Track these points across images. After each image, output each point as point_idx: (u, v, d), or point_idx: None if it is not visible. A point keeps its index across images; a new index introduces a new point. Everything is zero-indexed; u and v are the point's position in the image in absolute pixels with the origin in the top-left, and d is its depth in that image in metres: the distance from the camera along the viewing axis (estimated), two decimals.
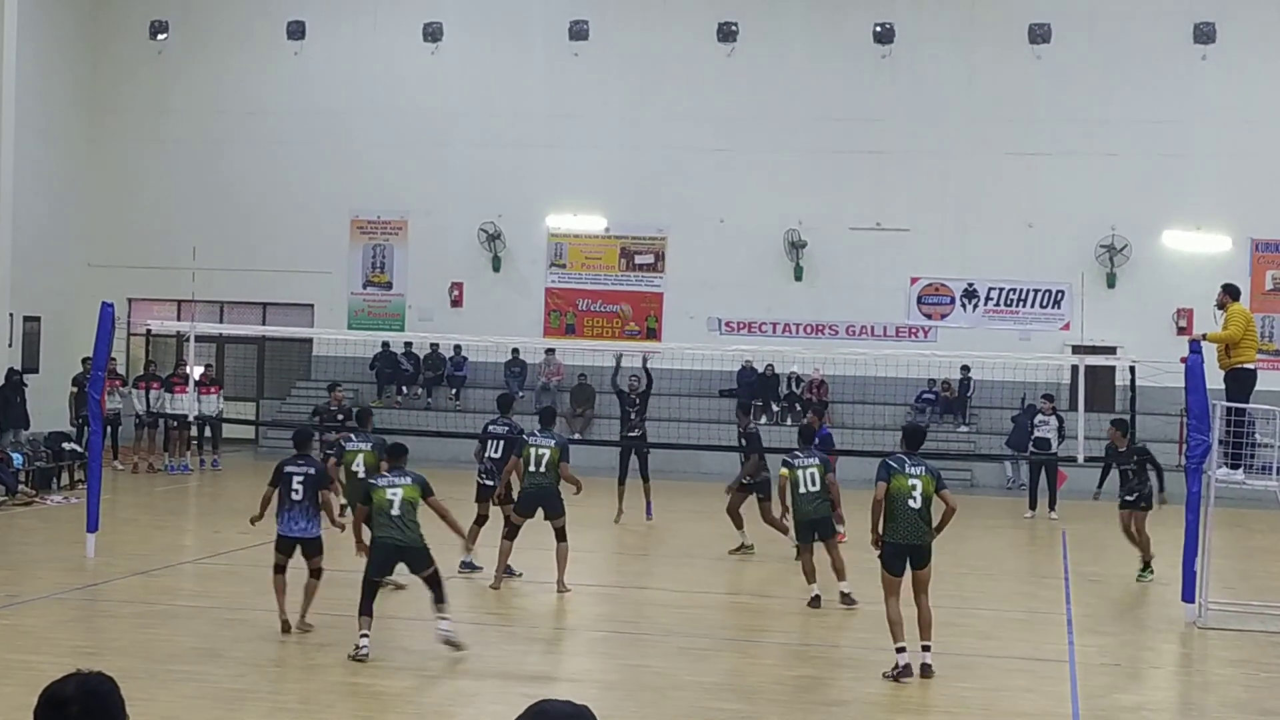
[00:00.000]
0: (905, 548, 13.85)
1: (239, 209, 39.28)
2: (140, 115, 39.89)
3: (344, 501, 17.44)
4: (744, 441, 22.03)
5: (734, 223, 37.40)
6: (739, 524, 21.03)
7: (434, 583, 13.87)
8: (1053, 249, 36.09)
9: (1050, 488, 28.73)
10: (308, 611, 14.73)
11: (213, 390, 32.55)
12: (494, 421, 19.98)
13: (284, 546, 14.75)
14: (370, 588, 13.84)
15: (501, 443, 19.17)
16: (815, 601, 17.10)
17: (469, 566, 18.72)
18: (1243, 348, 18.03)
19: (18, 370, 32.03)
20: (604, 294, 38.41)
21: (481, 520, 18.93)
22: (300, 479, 14.64)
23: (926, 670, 13.74)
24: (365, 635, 13.55)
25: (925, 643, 13.84)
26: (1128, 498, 20.26)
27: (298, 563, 14.77)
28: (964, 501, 31.72)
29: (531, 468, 17.59)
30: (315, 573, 14.75)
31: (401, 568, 14.26)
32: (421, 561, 13.86)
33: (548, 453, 17.67)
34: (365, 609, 13.66)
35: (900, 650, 13.68)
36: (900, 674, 13.63)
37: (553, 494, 17.56)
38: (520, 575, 18.33)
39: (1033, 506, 28.72)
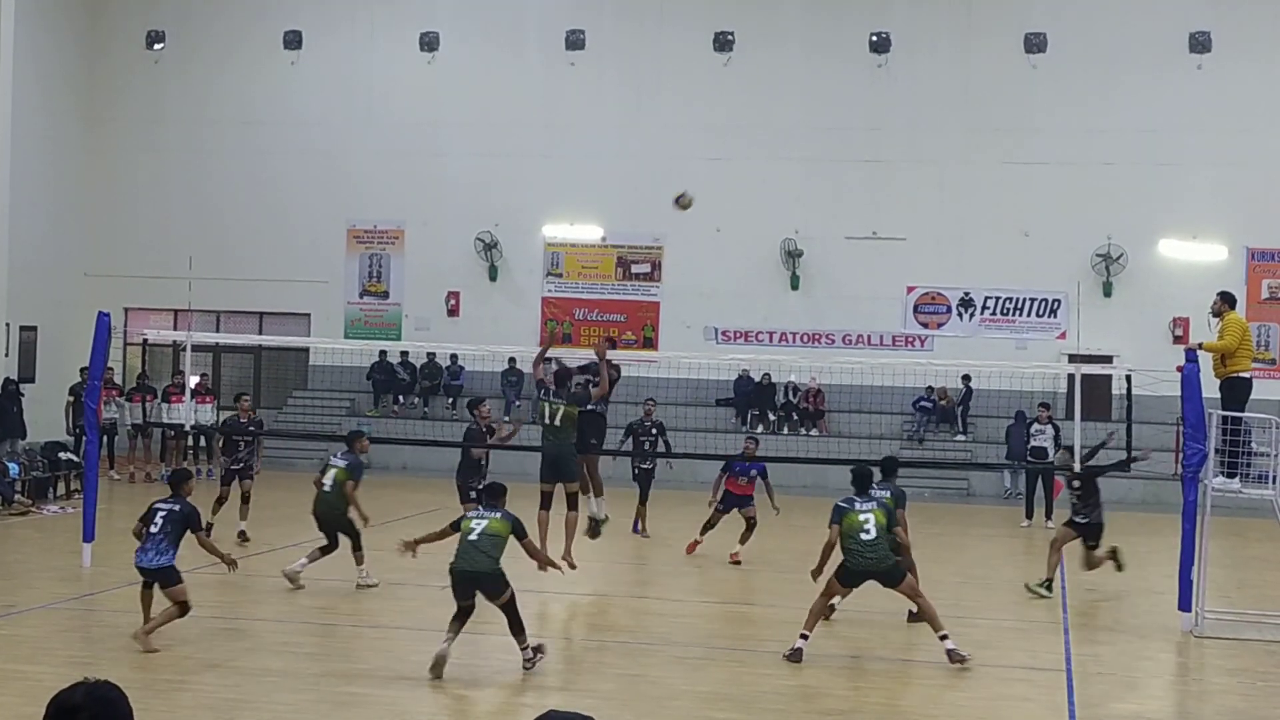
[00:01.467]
0: (865, 573, 14.82)
1: (236, 218, 39.31)
2: (137, 125, 39.92)
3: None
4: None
5: (730, 232, 37.41)
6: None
7: (509, 610, 13.75)
8: (1049, 258, 36.12)
9: (1046, 497, 28.72)
10: (153, 629, 14.32)
11: (208, 400, 32.49)
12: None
13: (142, 575, 14.64)
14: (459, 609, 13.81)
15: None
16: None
17: None
18: (1238, 357, 18.03)
19: (14, 380, 32.02)
20: (600, 303, 38.43)
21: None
22: (163, 515, 14.56)
23: (953, 655, 14.48)
24: (447, 640, 13.58)
25: (942, 633, 14.64)
26: (1076, 519, 20.29)
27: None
28: (961, 511, 31.87)
29: (548, 421, 17.99)
30: (177, 605, 14.37)
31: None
32: (493, 589, 13.70)
33: (561, 407, 18.07)
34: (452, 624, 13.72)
35: (804, 637, 14.66)
36: (792, 656, 14.58)
37: (569, 455, 18.04)
38: None
39: (1029, 516, 28.72)
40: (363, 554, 18.20)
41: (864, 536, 14.68)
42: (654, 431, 25.37)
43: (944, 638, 14.61)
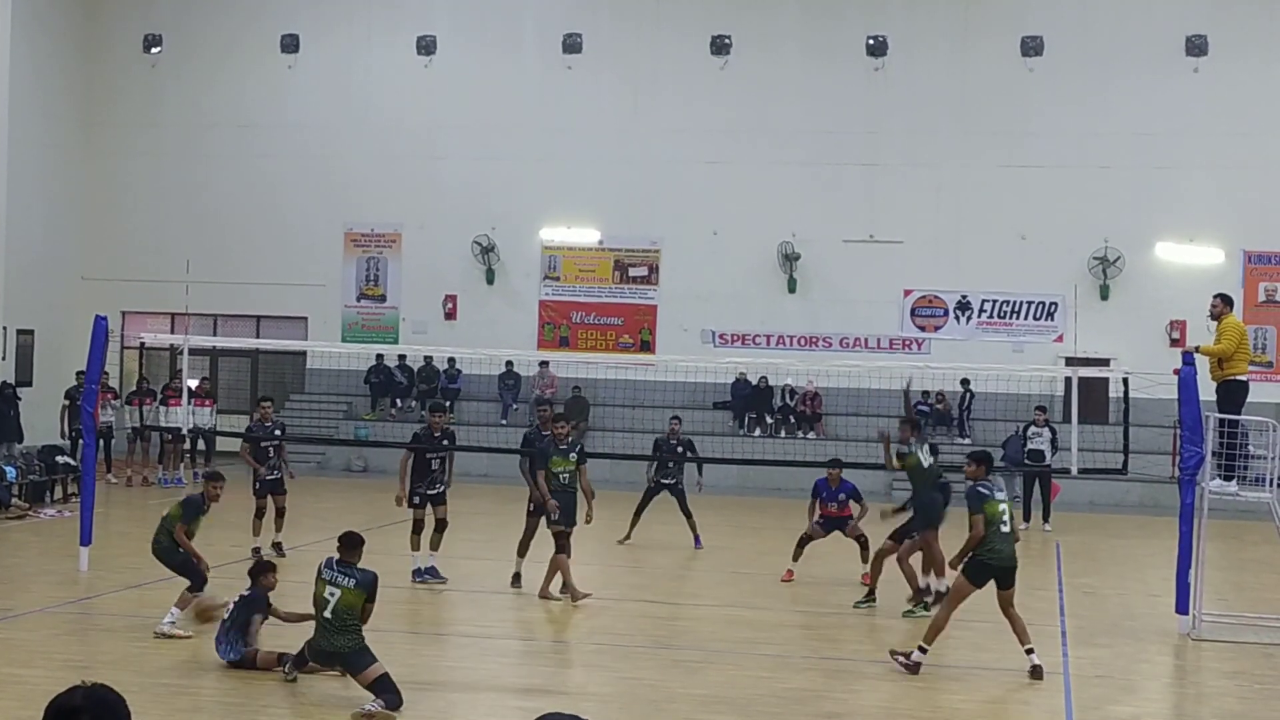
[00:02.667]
0: (999, 569, 14.39)
1: (233, 222, 39.30)
2: (134, 128, 39.90)
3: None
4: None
5: (727, 235, 37.43)
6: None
7: (381, 688, 12.31)
8: (1046, 261, 36.13)
9: (1044, 499, 28.70)
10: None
11: (207, 403, 32.49)
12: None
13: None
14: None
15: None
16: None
17: (431, 574, 19.50)
18: (1235, 360, 18.04)
19: (11, 384, 32.02)
20: (598, 307, 38.42)
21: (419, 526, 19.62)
22: (236, 600, 13.91)
23: (1038, 671, 14.32)
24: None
25: (1029, 646, 14.48)
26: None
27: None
28: (956, 513, 31.75)
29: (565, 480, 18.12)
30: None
31: None
32: (356, 665, 12.50)
33: (573, 467, 18.24)
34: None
35: (924, 650, 14.34)
36: (914, 668, 14.28)
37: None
38: (445, 581, 19.19)
39: (1026, 518, 28.68)
40: (192, 598, 15.85)
41: (1004, 529, 14.36)
42: (679, 449, 24.59)
43: (1030, 652, 14.47)
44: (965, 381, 35.17)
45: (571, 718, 4.50)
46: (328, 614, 12.47)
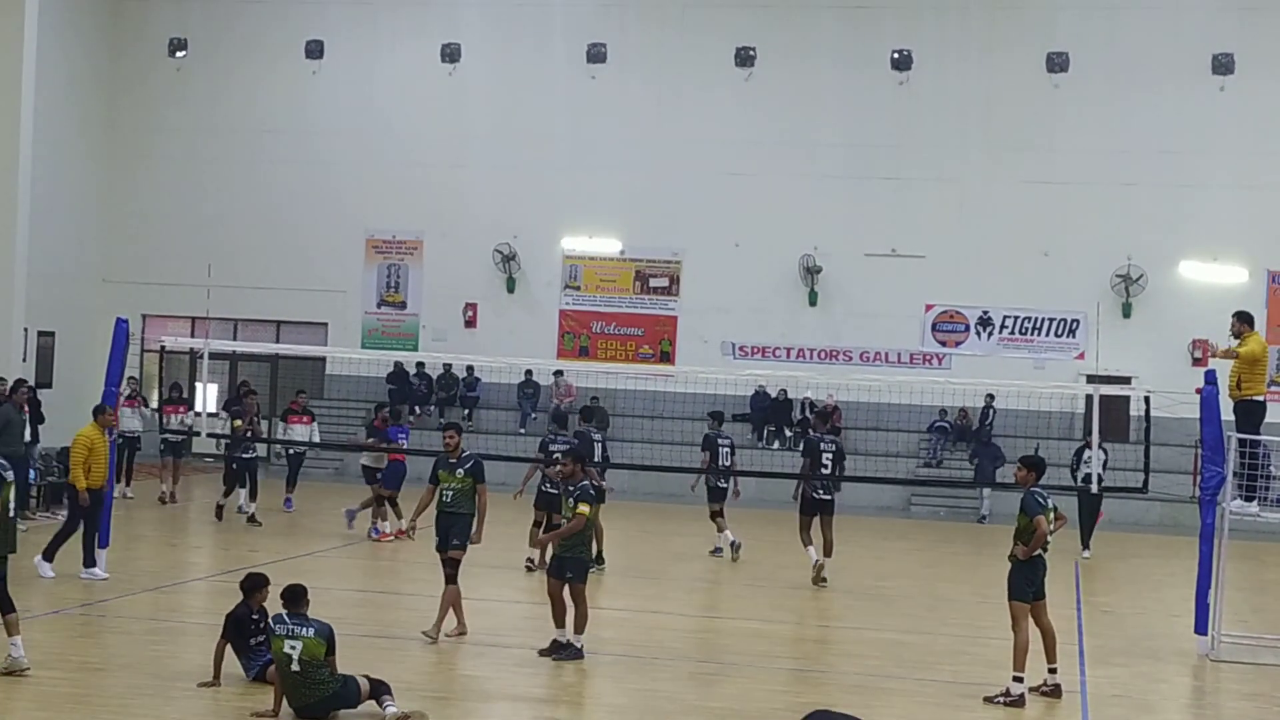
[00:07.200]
0: (1041, 581, 14.31)
1: (254, 226, 39.38)
2: (157, 132, 40.03)
3: None
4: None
5: (749, 247, 37.40)
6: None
7: (379, 692, 12.22)
8: (1068, 278, 36.04)
9: (1089, 523, 27.26)
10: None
11: (305, 420, 29.07)
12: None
13: None
14: None
15: None
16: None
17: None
18: (1253, 380, 17.95)
19: (30, 385, 32.02)
20: (618, 317, 38.42)
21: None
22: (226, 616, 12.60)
23: (1056, 690, 14.21)
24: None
25: (1053, 666, 14.32)
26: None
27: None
28: (976, 530, 31.70)
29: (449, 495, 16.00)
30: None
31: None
32: (349, 698, 12.20)
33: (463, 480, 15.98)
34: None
35: (1020, 680, 13.92)
36: (1017, 701, 13.85)
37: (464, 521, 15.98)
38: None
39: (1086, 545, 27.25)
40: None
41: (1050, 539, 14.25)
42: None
43: (1052, 671, 14.35)
44: (990, 397, 35.05)
45: (843, 715, 4.41)
46: (294, 668, 12.00)
